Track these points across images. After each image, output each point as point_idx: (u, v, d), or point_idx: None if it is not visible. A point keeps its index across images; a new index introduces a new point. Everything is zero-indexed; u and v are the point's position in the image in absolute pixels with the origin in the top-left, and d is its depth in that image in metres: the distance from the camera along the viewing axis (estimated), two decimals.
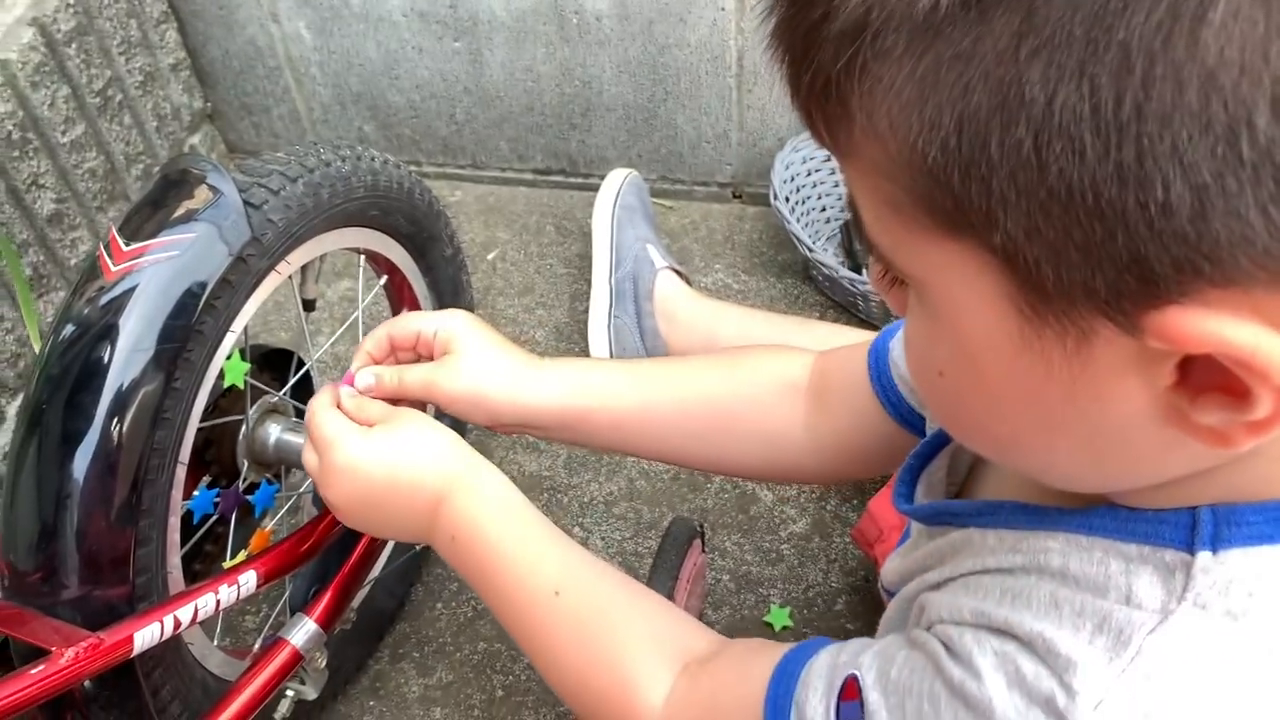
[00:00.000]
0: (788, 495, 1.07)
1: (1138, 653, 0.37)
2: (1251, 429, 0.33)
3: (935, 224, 0.35)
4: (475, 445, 1.13)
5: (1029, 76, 0.30)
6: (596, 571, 0.63)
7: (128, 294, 0.66)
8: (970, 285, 0.35)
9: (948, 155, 0.32)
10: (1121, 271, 0.31)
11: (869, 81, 0.33)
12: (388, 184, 0.85)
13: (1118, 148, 0.29)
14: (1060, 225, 0.31)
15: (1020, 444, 0.41)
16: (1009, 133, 0.30)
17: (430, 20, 1.26)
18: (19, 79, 1.06)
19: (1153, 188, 0.29)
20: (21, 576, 0.67)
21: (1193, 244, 0.30)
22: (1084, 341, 0.34)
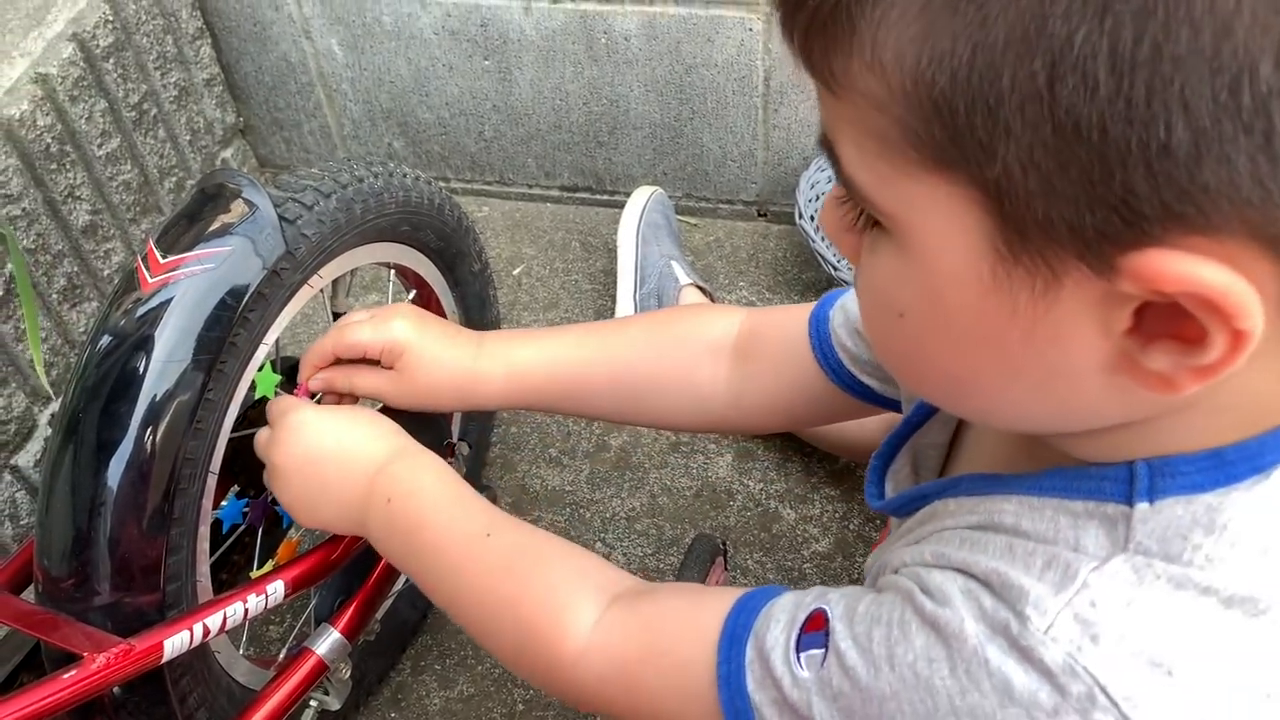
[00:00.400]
0: (810, 514, 1.07)
1: (1084, 585, 0.40)
2: (1198, 374, 0.35)
3: (924, 158, 0.35)
4: (499, 459, 1.15)
5: (1053, 11, 0.31)
6: (528, 525, 0.67)
7: (164, 306, 0.68)
8: (949, 221, 0.36)
9: (956, 85, 0.33)
10: (1111, 211, 0.33)
11: (882, 8, 0.34)
12: (418, 200, 0.86)
13: (1130, 86, 0.30)
14: (1060, 160, 0.32)
15: (974, 385, 0.43)
16: (1024, 66, 0.31)
17: (461, 38, 1.28)
18: (58, 93, 1.08)
19: (1156, 128, 0.30)
20: (55, 582, 0.68)
21: (1183, 187, 0.31)
22: (1053, 283, 0.36)
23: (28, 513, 1.05)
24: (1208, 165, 0.31)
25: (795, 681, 0.47)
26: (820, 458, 1.11)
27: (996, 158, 0.33)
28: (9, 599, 0.69)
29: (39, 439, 1.07)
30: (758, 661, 0.49)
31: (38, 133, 1.06)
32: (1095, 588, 0.40)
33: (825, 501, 1.08)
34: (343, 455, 0.70)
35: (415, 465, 0.70)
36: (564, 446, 1.15)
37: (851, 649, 0.45)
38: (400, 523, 0.68)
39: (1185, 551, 0.39)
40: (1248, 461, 0.40)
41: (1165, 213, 0.32)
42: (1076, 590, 0.40)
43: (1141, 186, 0.32)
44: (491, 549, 0.64)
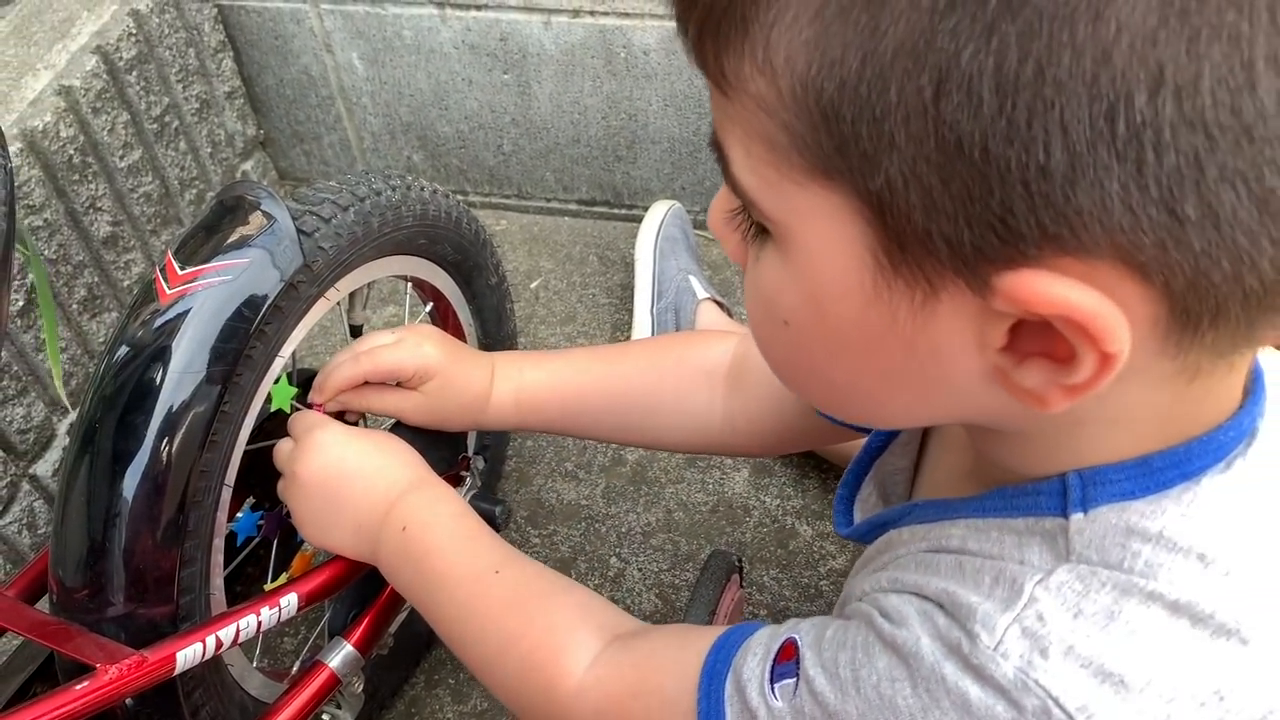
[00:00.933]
0: (827, 531, 1.07)
1: (1030, 599, 0.40)
2: (1068, 392, 0.36)
3: (809, 165, 0.36)
4: (515, 473, 1.14)
5: (942, 27, 0.31)
6: (538, 564, 0.67)
7: (181, 317, 0.68)
8: (832, 231, 0.37)
9: (844, 94, 0.33)
10: (988, 228, 0.33)
11: (776, 10, 0.34)
12: (436, 213, 0.86)
13: (1013, 106, 0.31)
14: (942, 175, 0.33)
15: (855, 392, 0.44)
16: (912, 79, 0.32)
17: (481, 53, 1.28)
18: (81, 105, 1.09)
19: (1036, 149, 0.31)
20: (69, 593, 0.68)
21: (1059, 209, 0.32)
22: (931, 297, 0.36)
23: (45, 522, 1.06)
24: (1082, 189, 0.31)
25: (770, 712, 0.47)
26: (838, 474, 1.10)
27: (880, 169, 0.34)
28: (23, 609, 0.69)
29: (58, 448, 1.08)
30: (736, 695, 0.50)
31: (61, 144, 1.06)
32: (1042, 601, 0.40)
33: None
34: (365, 477, 0.71)
35: (434, 497, 0.71)
36: (580, 461, 1.15)
37: (820, 675, 0.46)
38: (414, 551, 0.69)
39: (1126, 559, 0.40)
40: (1175, 469, 0.41)
41: (1040, 233, 0.32)
42: (1024, 605, 0.40)
43: (1019, 206, 0.32)
44: (499, 585, 0.65)
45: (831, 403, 0.48)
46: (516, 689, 0.62)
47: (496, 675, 0.64)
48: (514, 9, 1.23)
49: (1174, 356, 0.36)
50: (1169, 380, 0.38)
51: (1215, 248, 0.32)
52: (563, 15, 1.22)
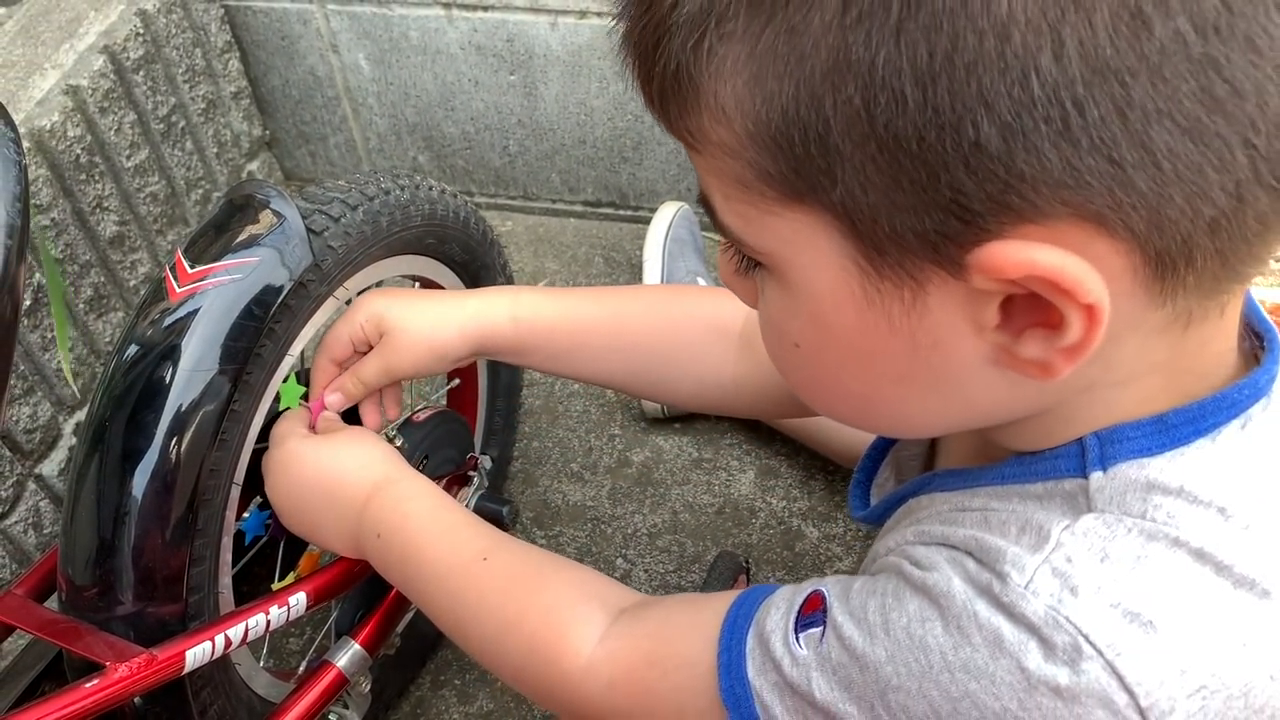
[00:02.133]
0: (833, 533, 1.07)
1: (1058, 544, 0.41)
2: (1067, 354, 0.37)
3: (779, 194, 0.38)
4: (521, 473, 1.14)
5: (854, 39, 0.33)
6: (524, 544, 0.67)
7: (191, 315, 0.68)
8: (814, 249, 0.39)
9: (788, 120, 0.36)
10: (947, 212, 0.35)
11: (715, 63, 0.37)
12: (444, 213, 0.86)
13: (934, 95, 0.33)
14: (891, 174, 0.35)
15: (877, 400, 0.45)
16: (840, 92, 0.34)
17: (487, 54, 1.28)
18: (89, 105, 1.09)
19: (966, 129, 0.33)
20: (79, 591, 0.68)
21: (1002, 179, 0.34)
22: (919, 292, 0.38)
23: (51, 521, 1.06)
24: (1019, 156, 0.33)
25: (794, 661, 0.48)
26: (844, 475, 1.10)
27: (837, 181, 0.36)
28: (32, 607, 0.69)
29: (63, 448, 1.08)
30: (758, 648, 0.50)
31: (68, 144, 1.07)
32: (1069, 545, 0.41)
33: (848, 520, 1.07)
34: (328, 491, 0.71)
35: (400, 496, 0.70)
36: (586, 462, 1.15)
37: (847, 621, 0.46)
38: (393, 555, 0.68)
39: (1148, 510, 0.41)
40: (1191, 425, 0.42)
41: (993, 206, 0.34)
42: (1052, 548, 0.41)
43: (966, 184, 0.34)
44: (489, 572, 0.64)
45: (856, 415, 0.49)
46: (523, 673, 0.62)
47: (501, 661, 0.63)
48: (521, 10, 1.23)
49: (1161, 305, 0.38)
50: (1164, 331, 0.40)
51: (1162, 185, 0.34)
52: (569, 16, 1.22)
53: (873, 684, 0.44)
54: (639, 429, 1.17)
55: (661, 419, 1.16)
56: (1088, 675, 0.39)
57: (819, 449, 1.09)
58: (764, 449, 1.14)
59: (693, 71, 0.38)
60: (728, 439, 1.15)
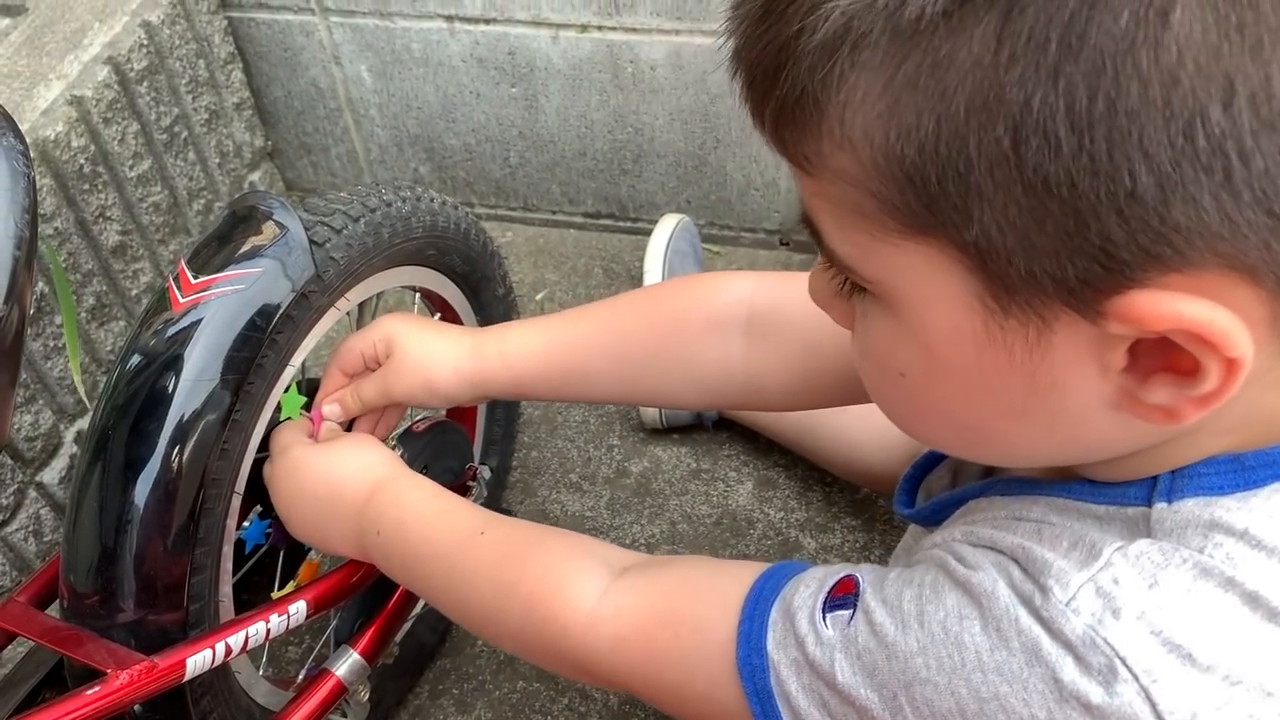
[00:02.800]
0: (831, 544, 1.07)
1: (1107, 563, 0.40)
2: (1198, 403, 0.37)
3: (902, 226, 0.37)
4: (519, 483, 1.15)
5: (1008, 79, 0.32)
6: (524, 521, 0.68)
7: (194, 326, 0.68)
8: (935, 283, 0.38)
9: (925, 156, 0.35)
10: (1091, 259, 0.34)
11: (845, 91, 0.36)
12: (445, 225, 0.87)
13: (1091, 141, 0.32)
14: (1035, 217, 0.34)
15: (985, 434, 0.44)
16: (988, 132, 0.33)
17: (489, 66, 1.29)
18: (93, 115, 1.10)
19: (1122, 178, 0.32)
20: (80, 598, 0.68)
21: (1156, 230, 0.33)
22: (1045, 331, 0.37)
23: (52, 529, 1.06)
24: (1175, 207, 0.32)
25: (819, 639, 0.47)
26: (841, 487, 1.11)
27: (973, 220, 0.35)
28: (34, 614, 0.70)
29: (64, 456, 1.08)
30: (781, 621, 0.49)
31: (72, 154, 1.07)
32: (1119, 566, 0.40)
33: (846, 531, 1.08)
34: (330, 495, 0.72)
35: (397, 492, 0.71)
36: (584, 472, 1.15)
37: (880, 608, 0.46)
38: (394, 550, 0.69)
39: (1207, 546, 0.40)
40: (1269, 468, 0.41)
41: (1142, 256, 0.33)
42: (1100, 567, 0.40)
43: (1116, 233, 0.33)
44: (486, 544, 0.65)
45: (964, 445, 0.48)
46: (523, 634, 0.61)
47: (501, 628, 0.63)
48: (522, 23, 1.24)
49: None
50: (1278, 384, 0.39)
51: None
52: (570, 30, 1.23)
53: (899, 674, 0.44)
54: (638, 439, 1.18)
55: (660, 429, 1.17)
56: (1121, 697, 0.39)
57: (817, 461, 1.10)
58: (762, 460, 1.14)
59: (819, 98, 0.36)
60: (726, 450, 1.16)
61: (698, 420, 1.15)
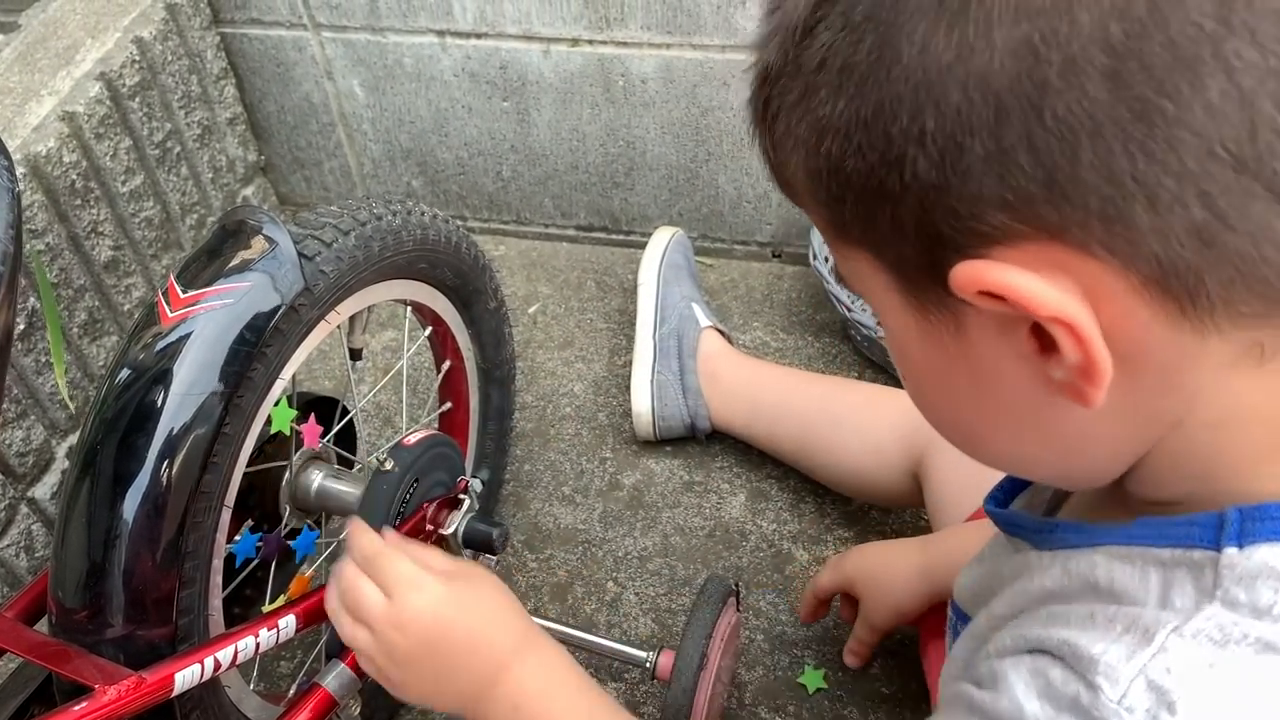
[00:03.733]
0: (823, 556, 1.07)
1: (1161, 649, 0.38)
2: (1084, 377, 0.37)
3: (838, 239, 0.42)
4: (512, 496, 1.15)
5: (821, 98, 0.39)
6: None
7: (183, 340, 0.68)
8: (874, 285, 0.42)
9: (811, 179, 0.41)
10: (924, 241, 0.38)
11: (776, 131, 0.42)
12: (436, 238, 0.87)
13: (871, 139, 0.37)
14: (870, 213, 0.39)
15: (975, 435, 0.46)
16: (821, 146, 0.39)
17: (480, 80, 1.29)
18: (84, 130, 1.10)
19: (905, 165, 0.36)
20: (68, 614, 0.68)
21: (950, 206, 0.36)
22: (959, 323, 0.40)
23: (43, 545, 1.06)
24: (956, 181, 0.36)
25: None
26: (834, 499, 1.11)
27: (848, 224, 0.40)
28: (22, 630, 0.69)
29: (56, 471, 1.08)
30: None
31: (63, 169, 1.07)
32: (1173, 651, 0.38)
33: (838, 543, 1.08)
34: (470, 647, 0.66)
35: (546, 668, 0.67)
36: (577, 485, 1.15)
37: None
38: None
39: (1276, 605, 0.37)
40: None
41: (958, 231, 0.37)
42: (1153, 654, 0.38)
43: (925, 214, 0.37)
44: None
45: (968, 449, 0.48)
46: None
47: None
48: (514, 37, 1.24)
49: (1201, 332, 0.36)
50: (1234, 365, 0.38)
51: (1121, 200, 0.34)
52: (562, 44, 1.24)
53: None
54: (630, 452, 1.18)
55: (653, 441, 1.17)
56: None
57: (814, 476, 1.10)
58: (754, 472, 1.14)
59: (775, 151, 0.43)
60: (718, 462, 1.16)
61: (691, 433, 1.15)
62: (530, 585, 1.07)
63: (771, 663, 1.00)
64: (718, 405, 1.13)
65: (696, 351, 1.15)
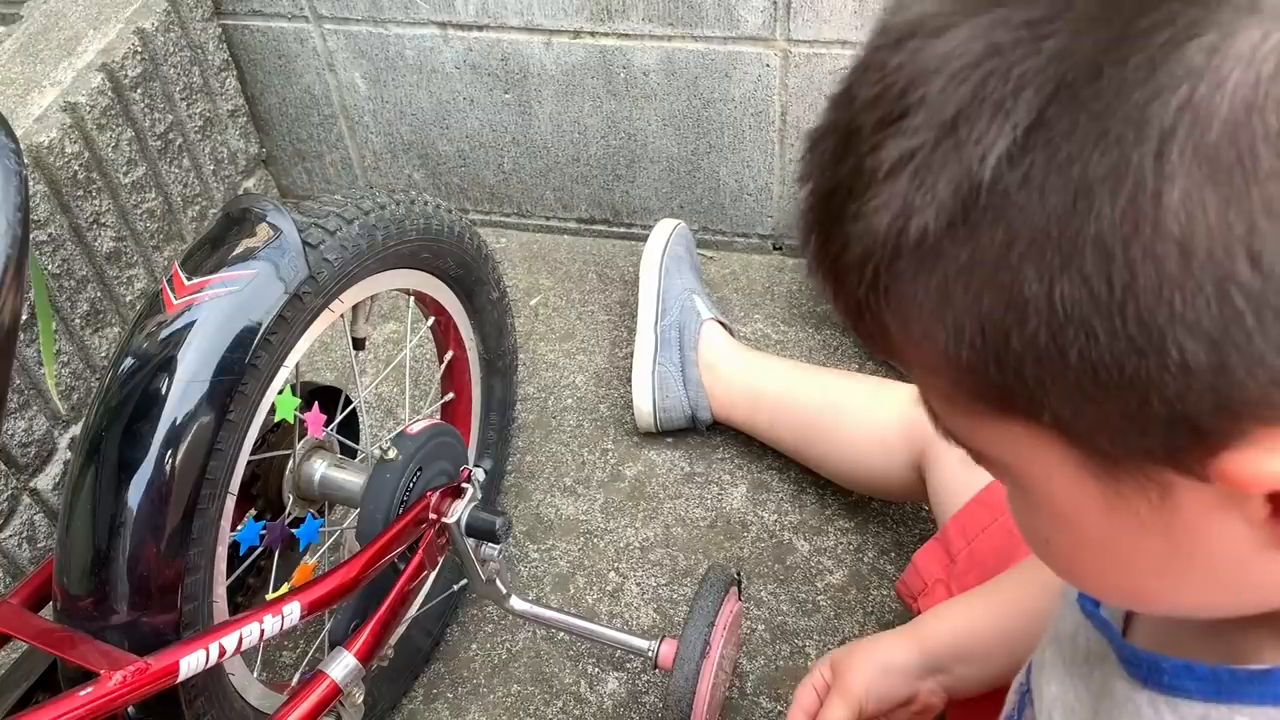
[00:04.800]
0: (824, 546, 1.07)
1: None
2: None
3: (991, 409, 0.36)
4: (514, 487, 1.15)
5: (1026, 277, 0.31)
6: None
7: (187, 328, 0.69)
8: (1042, 458, 0.36)
9: (976, 354, 0.34)
10: (1169, 430, 0.32)
11: (894, 300, 0.35)
12: (439, 228, 0.87)
13: (1123, 324, 0.30)
14: (1098, 400, 0.32)
15: (1144, 592, 0.41)
16: (1025, 327, 0.32)
17: (482, 72, 1.29)
18: (86, 121, 1.10)
19: (1168, 352, 0.30)
20: (74, 601, 0.68)
21: (1224, 393, 0.31)
22: (1166, 493, 0.35)
23: (46, 535, 1.06)
24: (1238, 368, 0.30)
25: None
26: (835, 490, 1.11)
27: (1044, 406, 0.34)
28: (27, 616, 0.69)
29: (58, 462, 1.08)
30: None
31: (65, 160, 1.08)
32: None
33: (839, 534, 1.08)
34: None
35: None
36: (579, 476, 1.16)
37: None
38: None
39: None
40: None
41: (1219, 418, 0.32)
42: None
43: (1183, 404, 0.31)
44: None
45: (1128, 603, 0.45)
46: None
47: None
48: (515, 29, 1.24)
49: None
50: None
51: None
52: (563, 36, 1.24)
53: None
54: (631, 443, 1.18)
55: (653, 433, 1.17)
56: None
57: (817, 469, 1.10)
58: (755, 463, 1.15)
59: (875, 308, 0.36)
60: (719, 454, 1.16)
61: (692, 424, 1.15)
62: (532, 576, 1.07)
63: (773, 653, 1.00)
64: (719, 397, 1.13)
65: (698, 344, 1.15)
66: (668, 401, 1.14)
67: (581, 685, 1.00)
